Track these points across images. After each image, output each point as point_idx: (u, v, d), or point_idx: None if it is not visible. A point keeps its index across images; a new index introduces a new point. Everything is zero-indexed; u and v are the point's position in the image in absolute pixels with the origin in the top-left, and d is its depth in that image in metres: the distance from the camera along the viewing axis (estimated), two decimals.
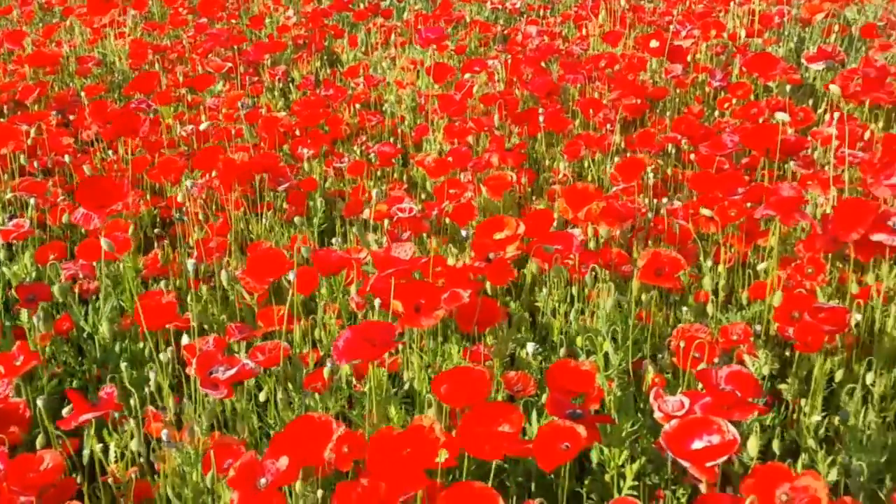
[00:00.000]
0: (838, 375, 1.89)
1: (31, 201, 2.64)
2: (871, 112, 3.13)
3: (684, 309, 1.98)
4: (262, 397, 1.75)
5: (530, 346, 1.74)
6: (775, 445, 1.72)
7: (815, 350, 1.79)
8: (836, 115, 2.32)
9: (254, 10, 5.73)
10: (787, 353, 2.10)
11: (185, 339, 1.74)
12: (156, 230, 2.85)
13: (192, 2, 5.56)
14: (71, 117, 3.77)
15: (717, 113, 3.33)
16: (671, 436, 1.33)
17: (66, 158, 3.14)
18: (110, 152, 3.33)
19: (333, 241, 2.41)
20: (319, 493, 1.37)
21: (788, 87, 3.26)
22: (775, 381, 2.05)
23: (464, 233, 2.17)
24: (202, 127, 2.93)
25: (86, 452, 1.67)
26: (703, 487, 1.38)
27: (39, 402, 1.64)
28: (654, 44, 3.62)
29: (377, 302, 1.80)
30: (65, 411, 1.62)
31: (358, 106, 3.61)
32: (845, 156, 2.41)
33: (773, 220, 2.20)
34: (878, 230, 1.95)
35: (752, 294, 2.18)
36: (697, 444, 1.33)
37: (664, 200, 2.66)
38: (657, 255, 1.81)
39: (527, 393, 1.88)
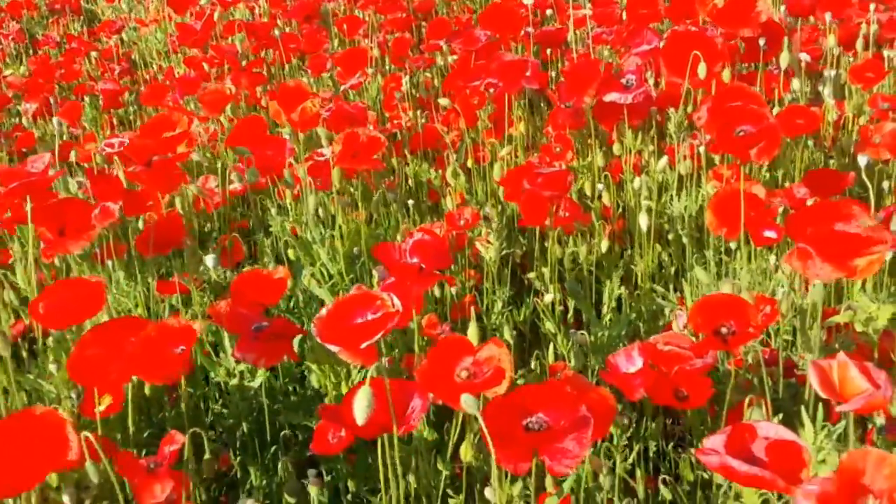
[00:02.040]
0: (582, 252, 1.69)
1: None
2: None
3: (410, 202, 1.74)
4: None
5: (209, 259, 1.44)
6: (507, 335, 1.50)
7: (541, 222, 1.57)
8: None
9: None
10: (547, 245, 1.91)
11: None
12: None
13: None
14: None
15: None
16: (325, 321, 1.06)
17: None
18: None
19: None
20: None
21: None
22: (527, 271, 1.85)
23: (126, 140, 1.74)
24: None
25: None
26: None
27: None
28: None
29: None
30: None
31: (95, 55, 3.21)
32: (590, 33, 2.23)
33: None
34: (609, 89, 1.77)
35: (500, 183, 1.96)
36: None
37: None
38: (353, 136, 1.54)
39: None
